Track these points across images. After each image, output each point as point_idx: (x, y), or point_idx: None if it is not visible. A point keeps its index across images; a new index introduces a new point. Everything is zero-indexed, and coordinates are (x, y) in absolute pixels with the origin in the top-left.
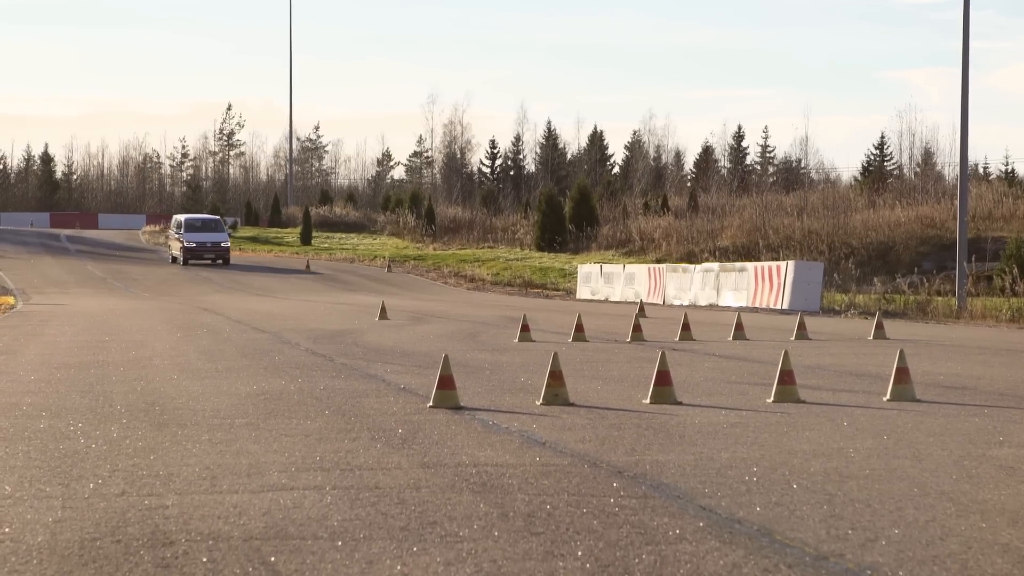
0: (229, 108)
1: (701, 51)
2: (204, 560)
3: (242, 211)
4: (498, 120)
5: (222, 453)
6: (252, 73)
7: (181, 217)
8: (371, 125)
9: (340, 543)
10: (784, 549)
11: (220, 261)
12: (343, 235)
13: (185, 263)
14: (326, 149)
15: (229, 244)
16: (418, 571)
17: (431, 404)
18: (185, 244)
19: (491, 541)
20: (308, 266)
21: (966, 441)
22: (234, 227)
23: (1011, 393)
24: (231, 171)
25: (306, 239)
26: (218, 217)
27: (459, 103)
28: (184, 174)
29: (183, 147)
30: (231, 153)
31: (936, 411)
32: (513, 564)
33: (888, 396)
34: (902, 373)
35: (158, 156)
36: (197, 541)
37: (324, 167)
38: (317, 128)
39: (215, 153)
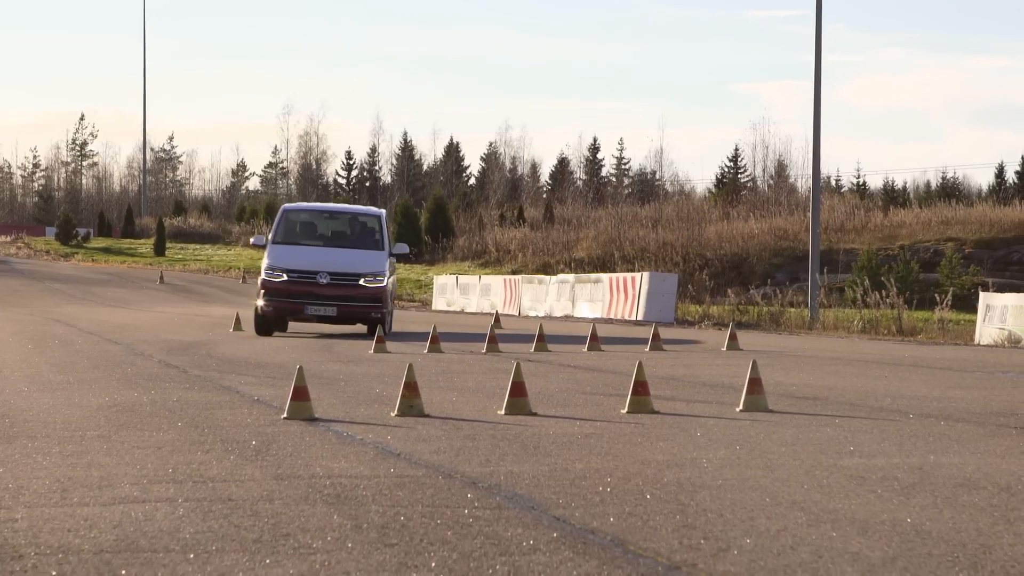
0: (82, 118)
1: (556, 63)
2: (54, 574)
3: (95, 222)
4: (354, 131)
5: (73, 466)
6: (104, 83)
7: (280, 212)
8: (226, 135)
9: (192, 556)
10: (637, 559)
11: (368, 329)
12: (197, 246)
13: (261, 327)
14: (180, 160)
15: (386, 284)
16: None
17: (285, 416)
18: (265, 274)
19: (344, 552)
20: (162, 277)
21: (817, 451)
22: (86, 238)
23: (862, 403)
24: (84, 181)
25: (160, 250)
26: (378, 211)
27: (315, 114)
28: (36, 184)
29: (34, 157)
30: (84, 163)
31: (788, 421)
32: (367, 575)
33: (741, 407)
34: (755, 384)
35: (9, 166)
36: (47, 555)
37: (178, 177)
38: (171, 138)
39: (67, 163)
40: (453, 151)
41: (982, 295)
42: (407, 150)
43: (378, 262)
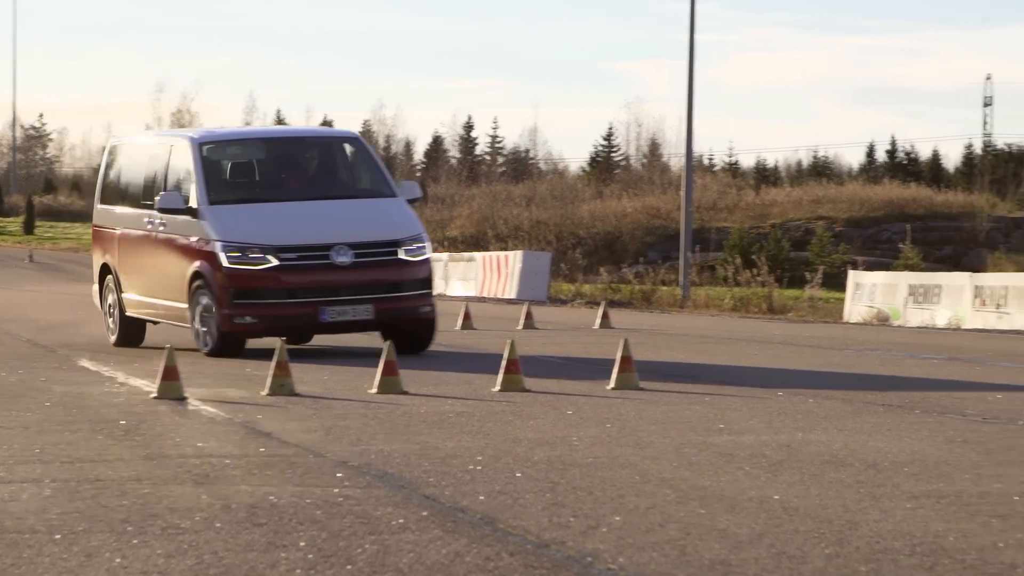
0: None
1: (430, 40)
2: None
3: None
4: (227, 109)
5: None
6: None
7: (177, 141)
8: (97, 113)
9: (58, 536)
10: (506, 537)
11: (407, 339)
12: (68, 224)
13: (228, 347)
14: (51, 137)
15: (430, 256)
16: (138, 563)
17: (155, 395)
18: (227, 258)
19: (213, 532)
20: (31, 256)
21: (687, 429)
22: None
23: (732, 381)
24: None
25: (29, 228)
26: (350, 133)
27: (188, 92)
28: None
29: None
30: None
31: (659, 399)
32: (235, 555)
33: (612, 385)
34: (626, 362)
35: None
36: None
37: (48, 155)
38: (42, 116)
39: None
40: None
41: (851, 273)
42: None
43: (410, 218)
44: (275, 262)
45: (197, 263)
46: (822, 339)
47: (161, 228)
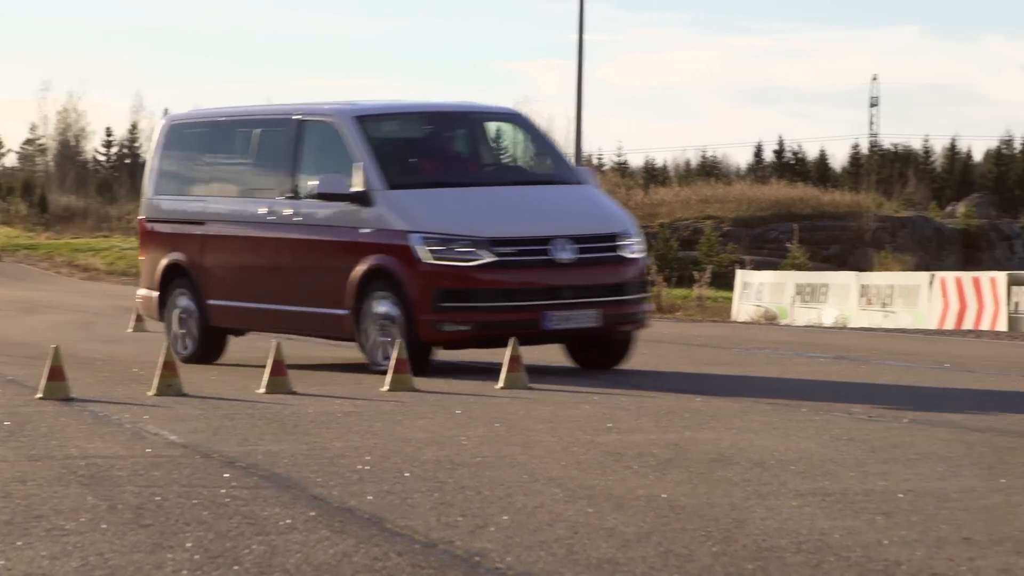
0: None
1: (317, 39)
2: None
3: None
4: (115, 107)
5: None
6: None
7: (318, 115)
8: None
9: None
10: (395, 537)
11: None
12: None
13: (425, 360)
14: None
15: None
16: (22, 565)
17: (40, 396)
18: (431, 252)
19: (98, 534)
20: None
21: (576, 428)
22: None
23: (620, 380)
24: None
25: None
26: (511, 110)
27: (74, 90)
28: None
29: None
30: None
31: (548, 398)
32: (120, 557)
33: (501, 384)
34: (515, 362)
35: None
36: None
37: None
38: None
39: None
40: None
41: (739, 273)
42: None
43: (618, 209)
44: (490, 258)
45: (373, 259)
46: (710, 338)
47: (297, 219)
